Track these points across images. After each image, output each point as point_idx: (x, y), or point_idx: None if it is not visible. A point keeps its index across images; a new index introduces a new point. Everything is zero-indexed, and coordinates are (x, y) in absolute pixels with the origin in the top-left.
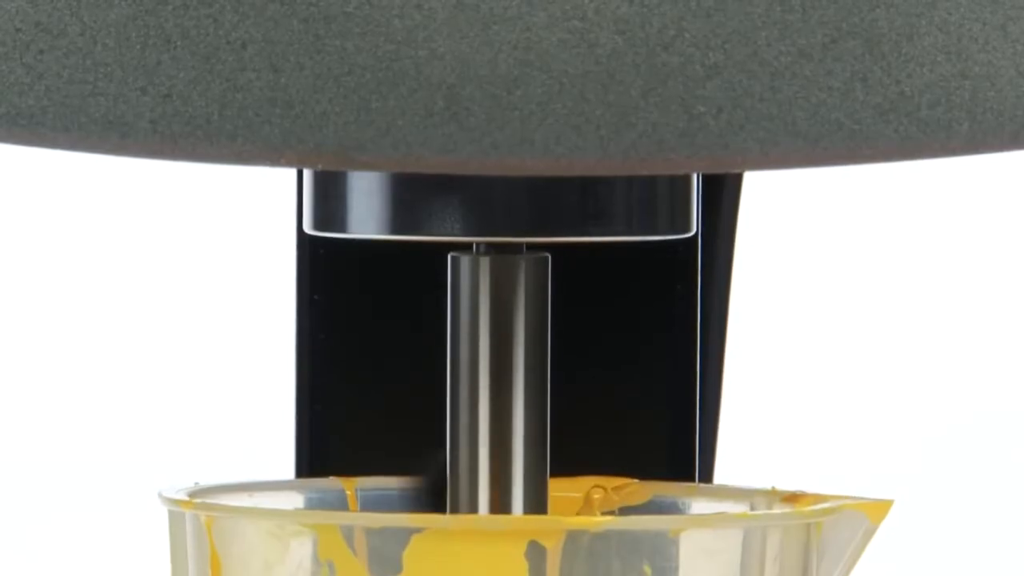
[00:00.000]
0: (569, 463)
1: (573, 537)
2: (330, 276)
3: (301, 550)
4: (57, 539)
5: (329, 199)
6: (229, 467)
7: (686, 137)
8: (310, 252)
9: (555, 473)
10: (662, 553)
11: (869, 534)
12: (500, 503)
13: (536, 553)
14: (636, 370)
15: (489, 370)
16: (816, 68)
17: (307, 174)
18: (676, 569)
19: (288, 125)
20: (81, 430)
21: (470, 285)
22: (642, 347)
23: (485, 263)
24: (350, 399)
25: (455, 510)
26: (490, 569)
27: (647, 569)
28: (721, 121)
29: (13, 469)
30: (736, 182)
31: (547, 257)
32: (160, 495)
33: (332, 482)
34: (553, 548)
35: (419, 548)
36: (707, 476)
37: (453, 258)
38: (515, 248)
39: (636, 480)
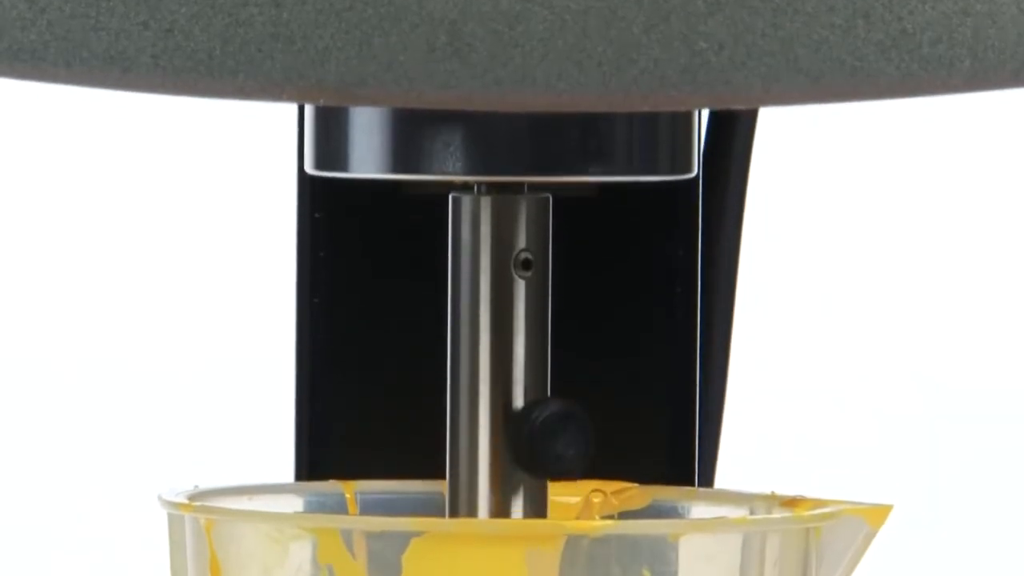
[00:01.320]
0: None
1: (573, 541)
2: (330, 278)
3: (300, 553)
4: (57, 540)
5: (330, 139)
6: (228, 470)
7: (688, 73)
8: (310, 253)
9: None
10: (662, 557)
11: (868, 539)
12: (499, 445)
13: (536, 557)
14: (636, 370)
15: (490, 312)
16: (818, 4)
17: (308, 114)
18: (675, 573)
19: (290, 60)
20: (81, 431)
21: (471, 226)
22: (642, 347)
23: (486, 203)
24: (350, 401)
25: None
26: (490, 573)
27: (647, 573)
28: (723, 57)
29: (13, 469)
30: (740, 185)
31: (548, 198)
32: (160, 498)
33: (331, 485)
34: (553, 552)
35: (418, 552)
36: (708, 481)
37: (454, 199)
38: (516, 188)
39: (636, 484)
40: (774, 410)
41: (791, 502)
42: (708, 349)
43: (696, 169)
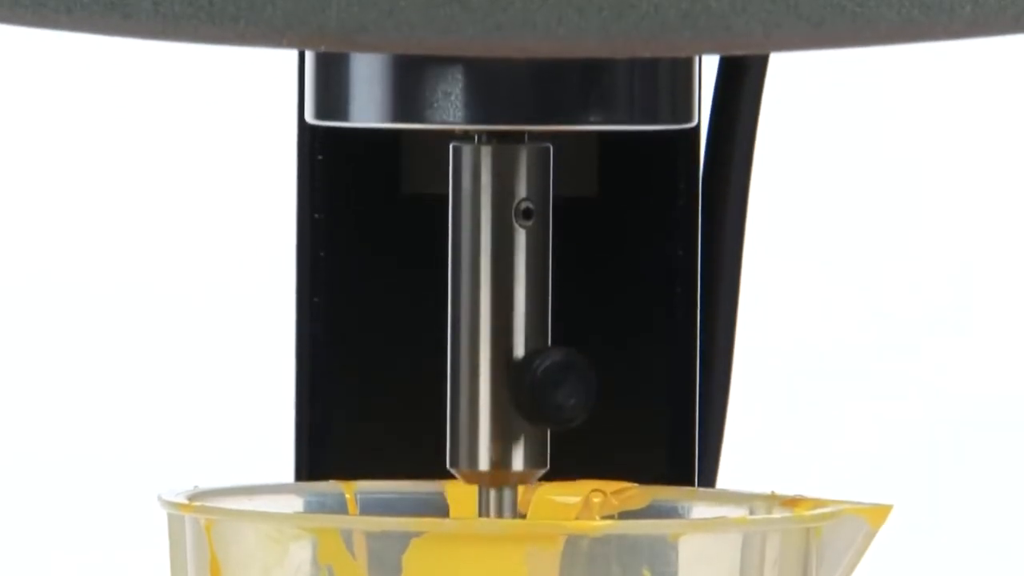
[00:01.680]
0: (569, 463)
1: (573, 541)
2: (330, 277)
3: (300, 553)
4: (57, 540)
5: (331, 88)
6: (228, 470)
7: (689, 19)
8: (310, 252)
9: (554, 476)
10: (662, 557)
11: (868, 539)
12: (500, 395)
13: (536, 557)
14: (636, 370)
15: (491, 261)
16: None
17: (309, 64)
18: (676, 573)
19: (291, 6)
20: (81, 431)
21: (471, 175)
22: (642, 347)
23: (487, 152)
24: (350, 401)
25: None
26: (490, 573)
27: (647, 573)
28: (723, 3)
29: (13, 469)
30: (742, 188)
31: (549, 147)
32: (159, 498)
33: (331, 485)
34: (553, 552)
35: (418, 552)
36: (710, 481)
37: (455, 148)
38: (517, 137)
39: (635, 484)
40: (774, 409)
41: (791, 502)
42: (710, 348)
43: (696, 119)
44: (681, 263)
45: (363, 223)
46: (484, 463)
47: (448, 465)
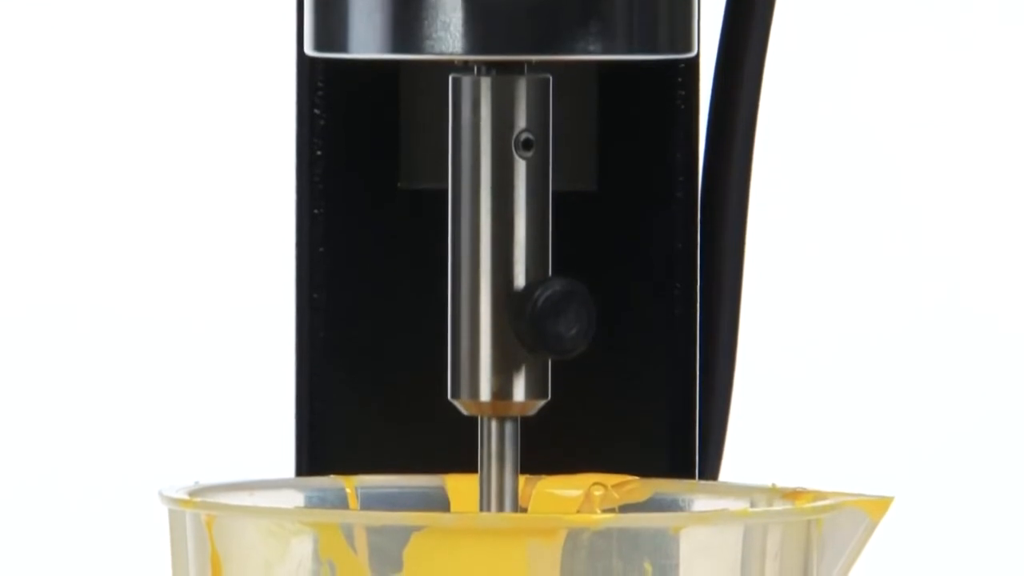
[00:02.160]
0: (569, 458)
1: (574, 535)
2: (329, 273)
3: (301, 548)
4: (57, 539)
5: (329, 20)
6: (229, 465)
7: None
8: (309, 249)
9: (555, 470)
10: (663, 550)
11: (870, 531)
12: (501, 326)
13: (537, 550)
14: (636, 370)
15: (491, 192)
16: None
17: None
18: (677, 566)
19: None
20: (81, 427)
21: (471, 106)
22: (642, 347)
23: (486, 83)
24: (350, 396)
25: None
26: (491, 567)
27: (648, 566)
28: None
29: (13, 469)
30: (742, 182)
31: (548, 78)
32: (160, 494)
33: (332, 480)
34: (554, 545)
35: (420, 546)
36: (712, 475)
37: (454, 79)
38: (516, 68)
39: (636, 477)
40: (775, 401)
41: (792, 494)
42: (712, 344)
43: (696, 49)
44: (680, 258)
45: (362, 219)
46: (485, 394)
47: (449, 396)
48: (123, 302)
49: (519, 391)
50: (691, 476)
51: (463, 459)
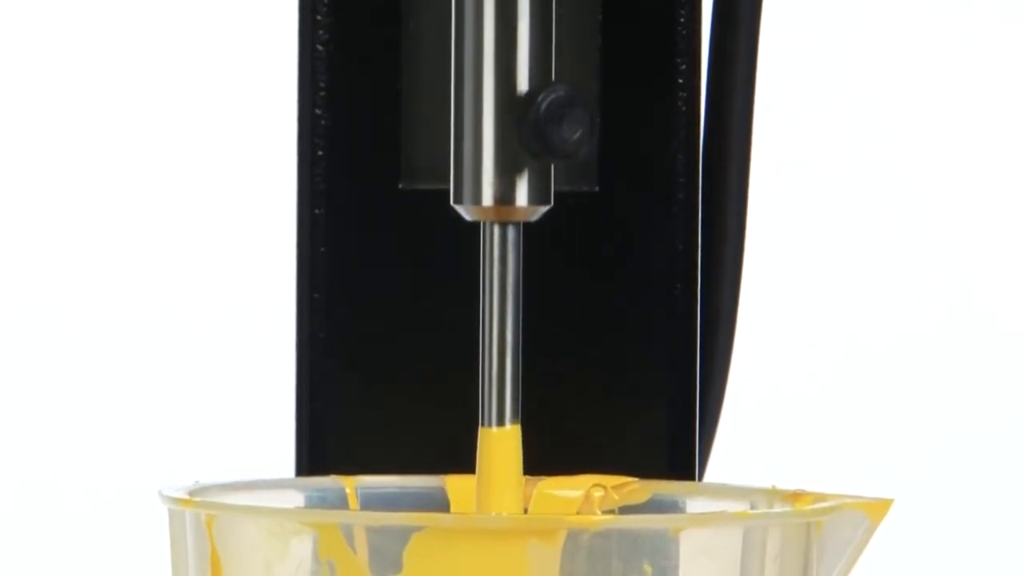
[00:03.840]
0: (569, 459)
1: (574, 536)
2: (330, 273)
3: (301, 549)
4: (57, 539)
5: None
6: (229, 465)
7: None
8: (310, 249)
9: (555, 472)
10: (663, 552)
11: (869, 533)
12: (504, 130)
13: (537, 551)
14: (636, 370)
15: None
16: None
17: None
18: (676, 568)
19: None
20: (82, 427)
21: None
22: (642, 347)
23: None
24: (350, 396)
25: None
26: (491, 567)
27: (648, 568)
28: None
29: (13, 469)
30: (741, 182)
31: None
32: (160, 493)
33: (332, 480)
34: (554, 547)
35: (419, 546)
36: (700, 472)
37: None
38: None
39: (636, 479)
40: (775, 404)
41: (792, 496)
42: (712, 344)
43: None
44: (680, 258)
45: (363, 219)
46: (488, 198)
47: (452, 202)
48: (123, 302)
49: (522, 196)
50: (691, 477)
51: (463, 459)
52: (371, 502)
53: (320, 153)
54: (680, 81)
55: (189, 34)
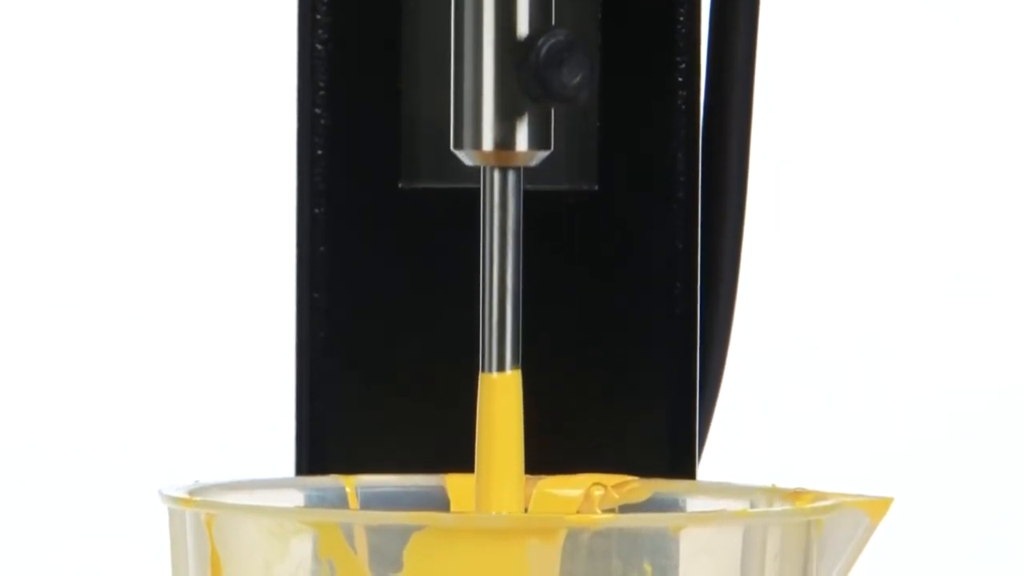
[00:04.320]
0: (569, 458)
1: (574, 535)
2: (330, 272)
3: (301, 548)
4: (57, 539)
5: None
6: (229, 465)
7: None
8: (310, 248)
9: (555, 471)
10: (663, 551)
11: (869, 531)
12: (504, 75)
13: (537, 550)
14: (636, 369)
15: None
16: None
17: None
18: (677, 567)
19: None
20: (82, 427)
21: None
22: (642, 346)
23: None
24: (350, 396)
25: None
26: (491, 567)
27: (648, 567)
28: None
29: (13, 469)
30: (740, 180)
31: None
32: (160, 493)
33: (332, 480)
34: (554, 545)
35: (419, 546)
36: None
37: None
38: None
39: (636, 477)
40: (775, 402)
41: (792, 495)
42: (708, 341)
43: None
44: (680, 258)
45: (363, 218)
46: (488, 143)
47: (452, 147)
48: (123, 302)
49: (522, 140)
50: (691, 476)
51: (463, 459)
52: (371, 501)
53: (320, 153)
54: (680, 81)
55: (189, 34)
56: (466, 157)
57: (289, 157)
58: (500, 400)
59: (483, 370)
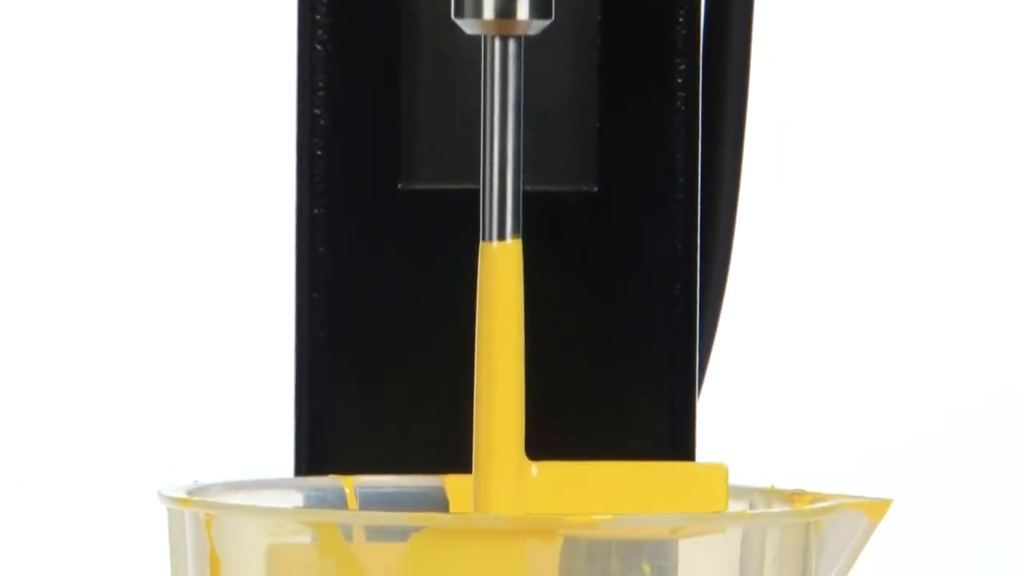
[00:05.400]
0: (569, 457)
1: (573, 536)
2: (329, 272)
3: (301, 548)
4: (57, 539)
5: None
6: (228, 465)
7: None
8: (310, 248)
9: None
10: (661, 552)
11: (868, 532)
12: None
13: (536, 551)
14: (636, 368)
15: None
16: None
17: None
18: (675, 568)
19: None
20: (81, 427)
21: None
22: (642, 346)
23: None
24: (349, 396)
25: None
26: (489, 568)
27: (646, 568)
28: None
29: (13, 469)
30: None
31: None
32: (159, 493)
33: (331, 480)
34: (553, 546)
35: (418, 546)
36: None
37: None
38: None
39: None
40: (774, 403)
41: (791, 496)
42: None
43: None
44: (680, 258)
45: (362, 219)
46: (489, 12)
47: (453, 16)
48: (123, 302)
49: (522, 9)
50: None
51: (463, 459)
52: (370, 502)
53: (319, 153)
54: (680, 81)
55: (188, 33)
56: (467, 26)
57: (288, 157)
58: (501, 270)
59: (483, 239)
